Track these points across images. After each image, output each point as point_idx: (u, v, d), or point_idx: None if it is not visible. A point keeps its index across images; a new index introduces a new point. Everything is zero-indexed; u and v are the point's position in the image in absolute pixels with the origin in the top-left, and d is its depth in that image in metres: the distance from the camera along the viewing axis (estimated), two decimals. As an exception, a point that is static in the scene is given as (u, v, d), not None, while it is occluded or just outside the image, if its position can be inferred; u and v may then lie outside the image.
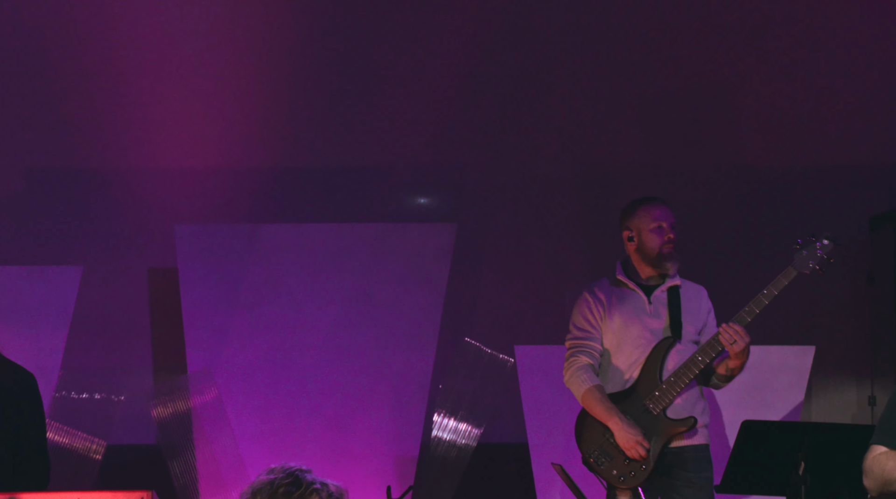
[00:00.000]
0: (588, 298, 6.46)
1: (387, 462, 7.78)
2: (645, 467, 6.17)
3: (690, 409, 6.26)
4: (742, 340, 6.09)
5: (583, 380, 6.31)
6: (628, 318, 6.37)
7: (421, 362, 7.84)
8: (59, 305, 7.53)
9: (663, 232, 6.35)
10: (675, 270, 6.40)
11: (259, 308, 7.84)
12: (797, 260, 6.17)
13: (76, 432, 7.51)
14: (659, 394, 6.22)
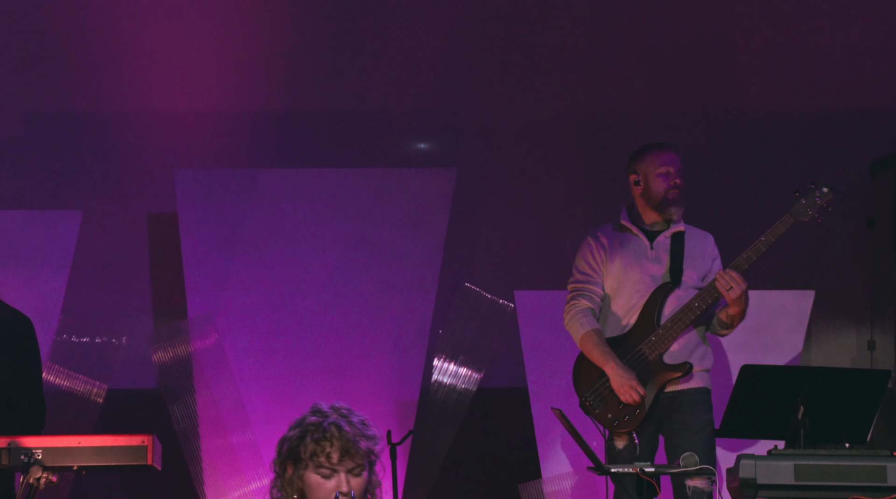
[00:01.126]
0: (591, 242, 6.48)
1: (387, 407, 7.80)
2: (639, 411, 6.19)
3: (688, 354, 6.27)
4: (738, 287, 6.08)
5: (581, 324, 6.33)
6: (629, 262, 6.38)
7: (421, 307, 7.85)
8: (59, 249, 7.53)
9: (670, 177, 6.36)
10: (679, 216, 6.40)
11: (259, 253, 7.84)
12: (795, 208, 6.17)
13: (77, 376, 7.53)
14: (655, 339, 6.24)
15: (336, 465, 3.95)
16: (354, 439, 3.97)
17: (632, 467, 5.39)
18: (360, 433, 3.99)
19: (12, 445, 5.24)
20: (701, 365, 6.30)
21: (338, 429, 3.97)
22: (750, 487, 5.21)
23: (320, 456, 3.97)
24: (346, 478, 3.96)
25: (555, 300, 7.53)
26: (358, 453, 3.96)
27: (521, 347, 7.56)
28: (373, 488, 4.04)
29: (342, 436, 3.97)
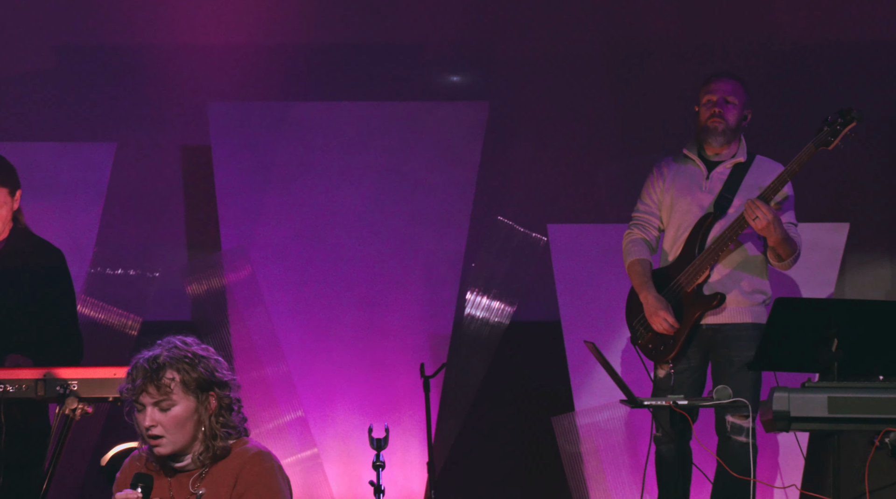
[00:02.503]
0: (653, 172, 6.48)
1: (420, 340, 7.82)
2: (672, 341, 6.19)
3: (731, 286, 6.22)
4: (764, 217, 6.02)
5: (629, 253, 6.39)
6: (681, 193, 6.35)
7: (453, 241, 7.86)
8: (92, 181, 7.55)
9: (710, 106, 6.31)
10: (719, 144, 6.34)
11: (292, 186, 7.85)
12: (819, 137, 6.11)
13: (111, 308, 7.57)
14: (691, 270, 6.22)
15: (140, 399, 3.87)
16: (152, 373, 3.85)
17: (664, 399, 5.39)
18: (173, 367, 3.87)
19: (48, 376, 5.28)
20: (750, 299, 6.24)
21: (140, 363, 3.89)
22: (783, 419, 5.20)
23: (126, 392, 3.90)
24: (151, 412, 3.87)
25: (588, 234, 7.54)
26: (158, 387, 3.85)
27: (554, 281, 7.56)
28: (207, 422, 3.91)
29: (140, 370, 3.87)
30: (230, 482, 3.89)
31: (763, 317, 6.23)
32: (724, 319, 6.22)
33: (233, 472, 3.91)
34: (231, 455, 3.94)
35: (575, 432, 7.29)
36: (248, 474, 3.90)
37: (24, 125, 7.95)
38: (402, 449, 7.67)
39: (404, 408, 7.75)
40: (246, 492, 3.88)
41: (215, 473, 3.91)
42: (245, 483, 3.89)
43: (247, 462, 3.92)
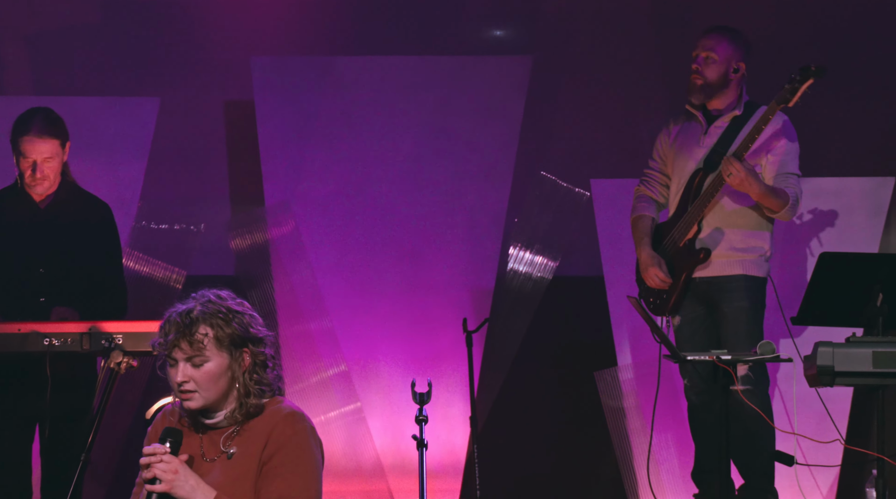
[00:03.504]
0: (662, 129, 6.49)
1: (462, 295, 7.83)
2: (666, 295, 6.22)
3: (721, 240, 6.20)
4: (736, 174, 6.02)
5: (633, 210, 6.47)
6: (682, 148, 6.35)
7: (496, 196, 7.85)
8: (137, 136, 7.57)
9: (692, 61, 6.32)
10: (698, 101, 6.32)
11: (335, 141, 7.85)
12: (780, 94, 6.07)
13: (156, 262, 7.60)
14: (681, 225, 6.24)
15: (173, 354, 3.82)
16: (185, 328, 3.79)
17: (708, 354, 5.39)
18: (207, 323, 3.81)
19: (93, 330, 5.32)
20: (741, 252, 6.21)
21: (173, 317, 3.82)
22: (827, 374, 5.20)
23: (159, 346, 3.84)
24: (184, 367, 3.81)
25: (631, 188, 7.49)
26: (191, 343, 3.79)
27: (597, 236, 7.55)
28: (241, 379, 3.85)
29: (173, 324, 3.81)
30: (261, 442, 3.84)
31: (757, 270, 6.19)
32: (715, 271, 6.23)
33: (264, 431, 3.85)
34: (264, 414, 3.88)
35: (618, 386, 7.29)
36: (280, 435, 3.85)
37: (69, 79, 7.98)
38: (444, 404, 7.69)
39: (447, 363, 7.76)
40: (277, 452, 3.84)
41: (247, 431, 3.86)
42: (276, 443, 3.84)
43: (279, 422, 3.86)
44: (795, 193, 6.15)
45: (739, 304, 6.17)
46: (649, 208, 6.43)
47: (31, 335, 5.33)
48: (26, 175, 5.95)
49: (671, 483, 7.12)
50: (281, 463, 3.83)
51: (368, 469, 7.61)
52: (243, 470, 3.83)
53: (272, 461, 3.83)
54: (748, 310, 6.16)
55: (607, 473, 7.55)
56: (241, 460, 3.84)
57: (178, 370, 3.82)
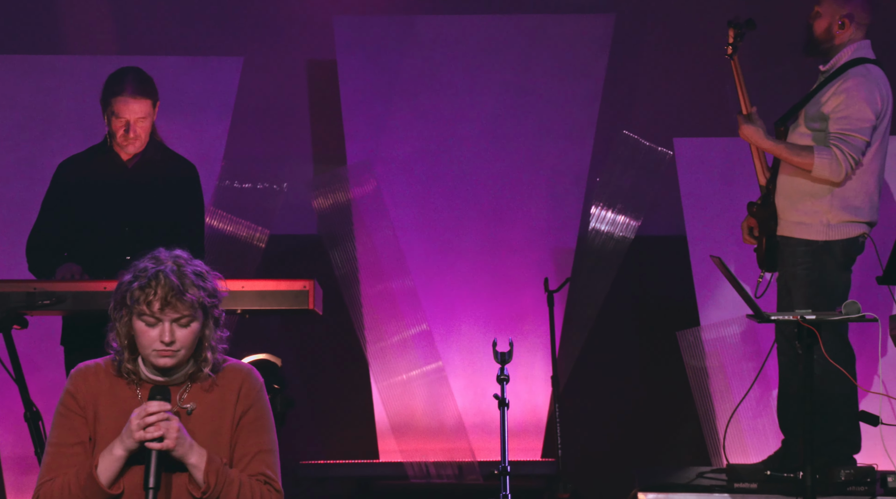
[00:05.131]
0: None
1: (544, 254, 7.82)
2: (757, 250, 6.21)
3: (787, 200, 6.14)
4: (739, 130, 6.05)
5: None
6: None
7: (578, 155, 7.82)
8: (220, 95, 7.60)
9: None
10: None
11: (416, 100, 7.85)
12: None
13: (239, 221, 7.64)
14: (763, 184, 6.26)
15: (158, 313, 3.82)
16: (179, 289, 3.81)
17: (792, 314, 5.34)
18: (191, 283, 3.83)
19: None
20: (801, 215, 6.13)
21: (164, 277, 3.82)
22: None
23: (142, 303, 3.82)
24: (171, 328, 3.83)
25: (715, 147, 7.45)
26: (183, 304, 3.80)
27: (680, 195, 7.50)
28: (208, 339, 3.90)
29: (166, 284, 3.81)
30: (231, 398, 3.92)
31: (814, 234, 6.10)
32: (783, 231, 6.18)
33: (231, 388, 3.93)
34: (224, 370, 3.96)
35: (700, 346, 7.26)
36: (250, 391, 3.94)
37: (153, 39, 8.02)
38: (526, 363, 7.69)
39: (528, 322, 7.76)
40: (250, 408, 3.92)
41: (206, 387, 3.93)
42: (248, 399, 3.93)
43: (245, 379, 3.95)
44: (832, 153, 6.00)
45: (793, 269, 6.13)
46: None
47: (116, 293, 5.37)
48: (118, 135, 5.98)
49: (754, 444, 7.08)
50: (255, 418, 3.92)
51: (450, 428, 7.64)
52: (216, 425, 3.90)
53: (247, 416, 3.92)
54: (802, 276, 6.10)
55: (689, 433, 7.53)
56: (210, 416, 3.90)
57: (161, 329, 3.83)
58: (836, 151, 5.97)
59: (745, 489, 5.83)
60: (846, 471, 5.86)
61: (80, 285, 5.41)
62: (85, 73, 7.35)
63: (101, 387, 3.95)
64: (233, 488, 3.83)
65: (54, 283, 5.45)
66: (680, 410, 7.58)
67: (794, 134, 6.19)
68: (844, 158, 5.98)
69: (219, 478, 3.81)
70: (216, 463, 3.82)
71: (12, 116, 7.51)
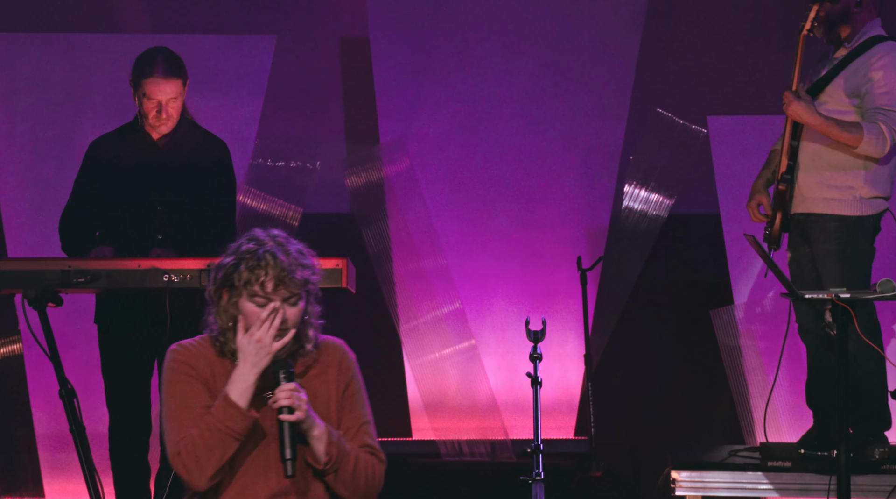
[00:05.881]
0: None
1: (577, 233, 7.81)
2: (769, 231, 6.15)
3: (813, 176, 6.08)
4: (787, 106, 5.95)
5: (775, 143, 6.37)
6: (808, 82, 6.23)
7: (611, 133, 7.80)
8: (253, 74, 7.61)
9: None
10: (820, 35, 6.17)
11: (450, 78, 7.84)
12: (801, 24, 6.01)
13: (273, 199, 7.65)
14: (777, 161, 6.16)
15: (270, 294, 3.85)
16: (290, 269, 3.85)
17: (826, 292, 5.32)
18: (297, 262, 3.87)
19: (211, 266, 5.36)
20: (831, 191, 6.07)
21: (273, 257, 3.85)
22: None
23: (254, 284, 3.85)
24: (282, 307, 3.87)
25: (749, 125, 7.42)
26: (293, 283, 3.85)
27: (714, 174, 7.47)
28: (310, 316, 3.96)
29: (277, 265, 3.85)
30: (332, 372, 4.00)
31: (848, 209, 6.04)
32: (808, 208, 6.10)
33: (333, 360, 4.01)
34: (321, 346, 4.03)
35: (734, 325, 7.24)
36: (349, 364, 4.03)
37: (187, 17, 8.03)
38: (559, 342, 7.69)
39: (561, 301, 7.76)
40: (351, 380, 4.01)
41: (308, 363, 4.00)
42: (348, 372, 4.02)
43: (344, 352, 4.04)
44: (879, 129, 5.96)
45: (825, 245, 6.05)
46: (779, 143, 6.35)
47: (150, 271, 5.40)
48: (150, 116, 6.00)
49: (788, 422, 7.07)
50: (356, 391, 4.02)
51: (483, 406, 7.65)
52: (324, 400, 3.97)
53: (349, 389, 4.00)
54: (835, 253, 6.03)
55: (723, 412, 7.52)
56: (317, 391, 3.96)
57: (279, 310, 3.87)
58: (882, 126, 5.94)
59: (779, 468, 5.82)
60: (881, 449, 5.84)
61: (114, 263, 5.43)
62: (118, 52, 7.36)
63: (211, 360, 3.99)
64: (349, 460, 3.90)
65: (88, 261, 5.48)
66: (713, 388, 7.57)
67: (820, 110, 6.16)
68: (890, 133, 5.95)
69: (339, 450, 3.88)
70: (335, 436, 3.89)
71: (46, 96, 7.54)
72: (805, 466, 5.81)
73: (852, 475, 5.20)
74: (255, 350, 3.83)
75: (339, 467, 3.88)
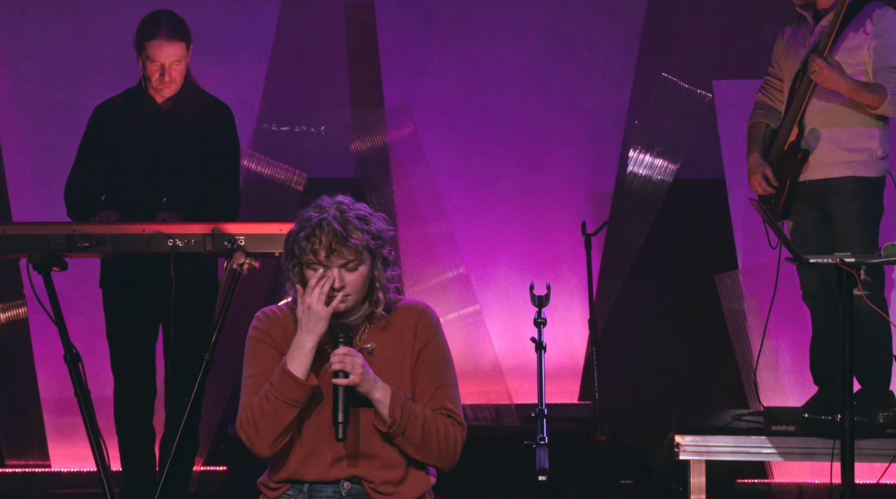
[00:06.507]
0: (778, 32, 6.33)
1: (582, 197, 7.81)
2: (775, 200, 6.11)
3: (826, 140, 6.04)
4: (819, 72, 5.86)
5: (750, 116, 6.29)
6: (790, 50, 6.19)
7: (616, 98, 7.79)
8: (258, 38, 7.60)
9: None
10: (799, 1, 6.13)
11: (454, 43, 7.83)
12: None
13: (277, 164, 7.65)
14: (784, 128, 6.11)
15: (324, 261, 3.88)
16: (342, 235, 3.85)
17: (831, 257, 5.31)
18: (354, 228, 3.88)
19: (216, 231, 5.36)
20: (848, 153, 6.04)
21: (326, 225, 3.86)
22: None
23: (308, 253, 3.88)
24: (340, 273, 3.88)
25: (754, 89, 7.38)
26: (348, 249, 3.86)
27: (719, 138, 7.46)
28: (379, 279, 3.96)
29: (329, 231, 3.85)
30: (409, 335, 3.99)
31: (867, 170, 6.01)
32: (823, 174, 6.06)
33: (408, 325, 3.99)
34: (398, 309, 4.02)
35: (738, 289, 7.24)
36: (427, 328, 3.99)
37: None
38: (563, 307, 7.70)
39: (565, 266, 7.76)
40: (427, 344, 3.98)
41: (383, 327, 4.00)
42: (425, 335, 3.99)
43: (422, 316, 4.00)
44: (890, 89, 5.96)
45: (848, 206, 6.02)
46: (763, 115, 6.30)
47: (155, 236, 5.39)
48: (153, 79, 5.99)
49: (792, 386, 7.08)
50: (433, 353, 3.99)
51: (487, 371, 7.66)
52: (397, 362, 3.97)
53: (425, 352, 3.98)
54: (858, 212, 6.01)
55: (727, 376, 7.53)
56: (390, 354, 3.97)
57: (332, 275, 3.88)
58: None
59: (783, 432, 5.83)
60: (885, 413, 5.85)
61: (118, 228, 5.43)
62: (123, 16, 7.34)
63: (287, 328, 4.01)
64: (417, 422, 3.89)
65: (93, 225, 5.47)
66: (718, 353, 7.58)
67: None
68: None
69: (404, 412, 3.87)
70: (400, 398, 3.89)
71: (50, 59, 7.53)
72: (809, 430, 5.82)
73: (856, 439, 5.20)
74: (308, 317, 3.85)
75: (405, 430, 3.88)
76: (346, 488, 3.93)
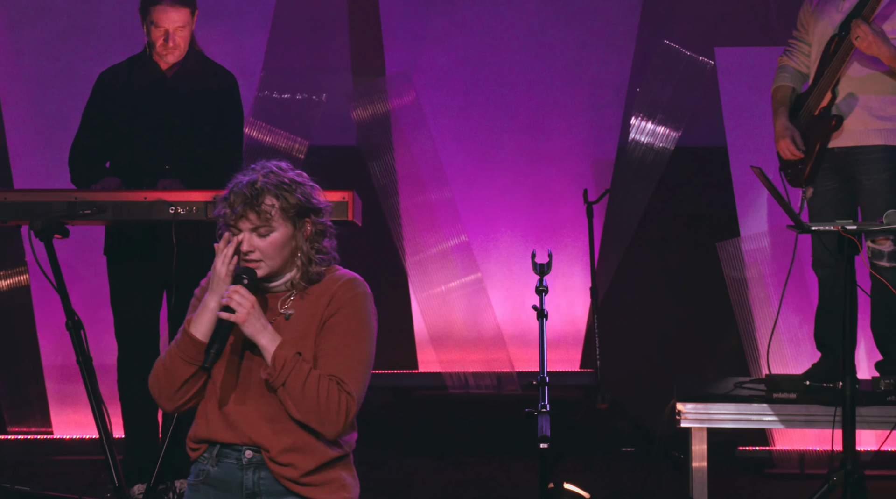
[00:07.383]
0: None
1: (584, 165, 7.80)
2: (802, 166, 6.07)
3: (858, 107, 6.01)
4: (864, 37, 5.82)
5: (775, 80, 6.22)
6: (821, 14, 6.14)
7: (618, 65, 7.78)
8: (259, 5, 7.58)
9: None
10: None
11: (456, 11, 7.81)
12: None
13: (279, 131, 7.64)
14: (816, 94, 6.06)
15: (233, 224, 3.85)
16: (250, 199, 3.82)
17: (833, 224, 5.30)
18: (270, 194, 3.84)
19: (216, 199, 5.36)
20: (880, 121, 6.01)
21: (239, 188, 3.85)
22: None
23: (222, 215, 3.88)
24: (249, 238, 3.85)
25: (757, 57, 7.38)
26: (255, 213, 3.83)
27: (721, 106, 7.45)
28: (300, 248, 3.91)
29: (239, 195, 3.83)
30: (323, 302, 3.95)
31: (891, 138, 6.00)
32: (853, 141, 6.02)
33: (328, 293, 3.95)
34: (325, 279, 3.99)
35: (740, 257, 7.24)
36: (342, 296, 3.94)
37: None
38: (565, 274, 7.70)
39: (567, 233, 7.76)
40: (337, 311, 3.93)
41: (307, 295, 3.97)
42: (338, 303, 3.94)
43: (341, 285, 3.96)
44: None
45: (878, 175, 5.98)
46: (789, 78, 6.25)
47: (157, 203, 5.39)
48: (157, 44, 5.98)
49: (794, 354, 7.08)
50: (339, 321, 3.93)
51: (489, 339, 7.67)
52: (304, 328, 3.93)
53: (333, 319, 3.93)
54: (888, 181, 5.98)
55: (729, 344, 7.53)
56: (302, 320, 3.94)
57: (244, 240, 3.87)
58: None
59: (784, 400, 5.83)
60: (886, 381, 5.85)
61: (120, 195, 5.43)
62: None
63: None
64: (299, 377, 3.83)
65: (95, 192, 5.47)
66: (719, 321, 7.59)
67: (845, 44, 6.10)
68: None
69: (286, 363, 3.83)
70: (287, 350, 3.85)
71: (53, 26, 7.51)
72: (810, 397, 5.82)
73: (858, 407, 5.21)
74: (213, 279, 3.86)
75: (286, 381, 3.82)
76: (248, 456, 3.92)
